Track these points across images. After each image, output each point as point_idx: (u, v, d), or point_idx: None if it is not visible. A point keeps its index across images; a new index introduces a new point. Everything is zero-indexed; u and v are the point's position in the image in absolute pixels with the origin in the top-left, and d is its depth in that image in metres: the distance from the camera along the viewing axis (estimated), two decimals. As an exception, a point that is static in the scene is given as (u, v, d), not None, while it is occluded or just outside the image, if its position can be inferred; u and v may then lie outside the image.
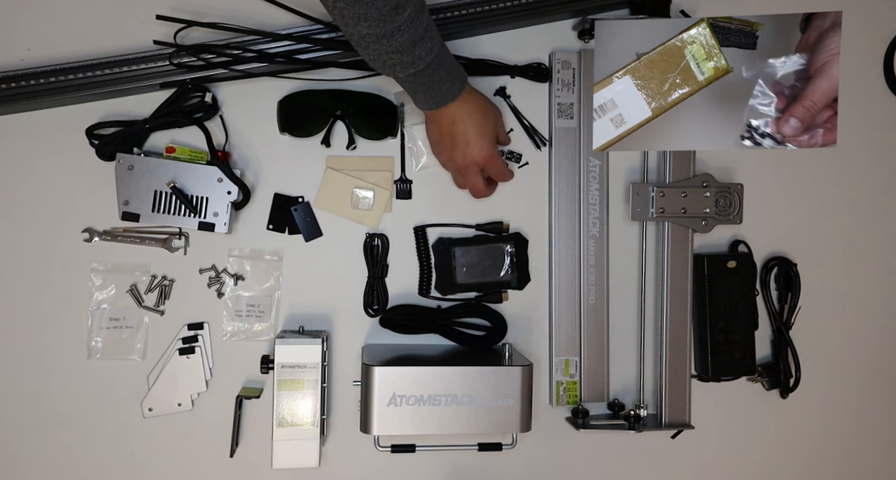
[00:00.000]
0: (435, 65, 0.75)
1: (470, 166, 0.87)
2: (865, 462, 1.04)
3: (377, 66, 0.74)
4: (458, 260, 0.94)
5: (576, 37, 0.97)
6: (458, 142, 0.85)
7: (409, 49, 0.71)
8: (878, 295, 1.04)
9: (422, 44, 0.72)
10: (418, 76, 0.76)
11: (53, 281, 0.92)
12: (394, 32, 0.69)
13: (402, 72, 0.74)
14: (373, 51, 0.72)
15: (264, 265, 0.94)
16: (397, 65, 0.73)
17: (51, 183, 0.92)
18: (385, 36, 0.69)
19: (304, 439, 0.87)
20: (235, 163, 0.93)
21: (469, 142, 0.85)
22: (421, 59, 0.73)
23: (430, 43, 0.73)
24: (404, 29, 0.69)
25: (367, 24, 0.68)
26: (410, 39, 0.71)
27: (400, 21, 0.68)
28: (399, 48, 0.71)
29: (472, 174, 0.88)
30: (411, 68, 0.74)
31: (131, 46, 0.90)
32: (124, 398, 0.92)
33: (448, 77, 0.79)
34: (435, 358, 0.91)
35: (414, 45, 0.71)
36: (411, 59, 0.73)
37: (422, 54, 0.73)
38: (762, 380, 1.00)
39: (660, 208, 0.93)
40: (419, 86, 0.78)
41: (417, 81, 0.77)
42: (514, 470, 0.98)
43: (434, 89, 0.79)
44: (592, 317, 0.95)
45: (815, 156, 1.02)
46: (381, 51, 0.71)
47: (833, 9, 1.02)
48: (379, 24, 0.68)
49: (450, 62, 0.79)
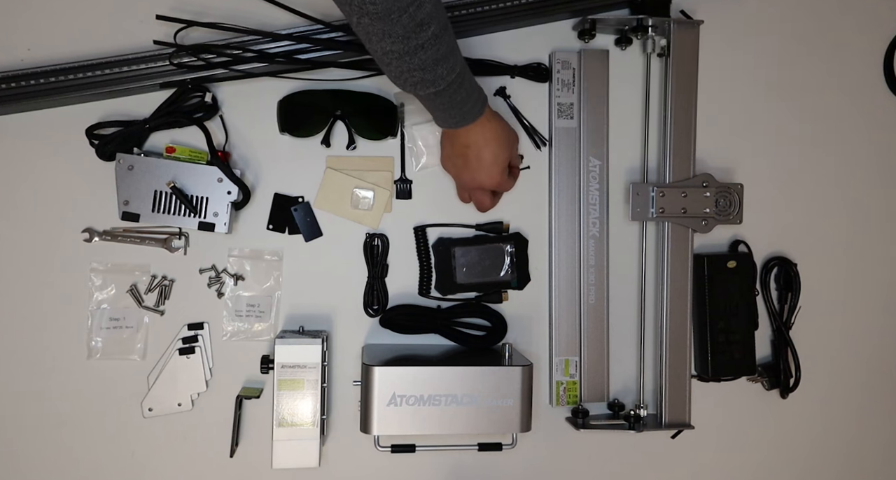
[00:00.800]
0: (456, 85, 0.75)
1: (476, 189, 0.89)
2: (865, 462, 1.04)
3: (399, 82, 0.74)
4: (458, 260, 0.94)
5: (576, 37, 0.97)
6: (469, 166, 0.86)
7: (432, 67, 0.71)
8: (878, 295, 1.04)
9: (444, 62, 0.72)
10: (439, 95, 0.75)
11: (53, 281, 0.92)
12: (417, 49, 0.68)
13: (424, 90, 0.74)
14: (395, 67, 0.71)
15: (264, 265, 0.94)
16: (419, 83, 0.73)
17: (51, 183, 0.92)
18: (408, 53, 0.68)
19: (304, 439, 0.87)
20: (235, 163, 0.93)
21: (481, 169, 0.85)
22: (442, 77, 0.72)
23: (453, 62, 0.73)
24: (427, 46, 0.68)
25: (391, 40, 0.67)
26: (433, 57, 0.70)
27: (424, 38, 0.67)
28: (422, 66, 0.70)
29: (479, 194, 0.90)
30: (433, 87, 0.73)
31: (131, 46, 0.90)
32: (124, 398, 0.92)
33: (469, 98, 0.79)
34: (435, 358, 0.91)
35: (437, 63, 0.71)
36: (433, 78, 0.72)
37: (443, 73, 0.72)
38: (762, 380, 1.00)
39: (660, 208, 0.93)
40: (439, 105, 0.78)
41: (438, 100, 0.77)
42: (514, 470, 0.98)
43: (454, 109, 0.79)
44: (592, 317, 0.95)
45: (815, 156, 1.02)
46: (404, 68, 0.71)
47: (833, 9, 1.02)
48: (403, 40, 0.67)
49: (471, 83, 0.79)
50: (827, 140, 1.03)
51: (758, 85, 1.01)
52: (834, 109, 1.03)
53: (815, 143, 1.02)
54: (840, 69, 1.03)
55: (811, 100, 1.02)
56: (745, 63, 1.01)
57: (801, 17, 1.02)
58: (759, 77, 1.01)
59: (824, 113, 1.02)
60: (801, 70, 1.02)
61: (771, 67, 1.01)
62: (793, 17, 1.02)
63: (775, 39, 1.01)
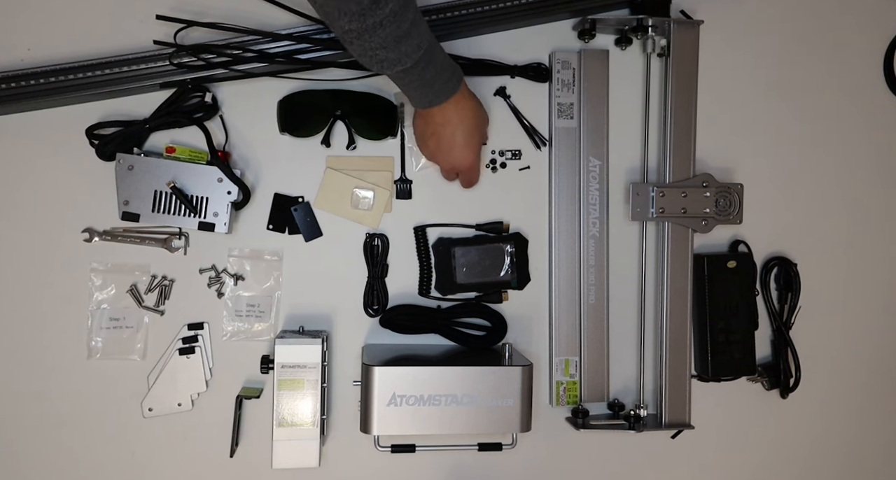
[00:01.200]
0: (424, 62, 0.73)
1: (450, 170, 0.89)
2: (865, 462, 1.04)
3: (364, 62, 0.72)
4: (458, 260, 0.94)
5: (576, 37, 0.97)
6: (442, 146, 0.85)
7: (394, 45, 0.69)
8: (878, 295, 1.04)
9: (407, 40, 0.70)
10: (408, 73, 0.74)
11: (53, 281, 0.92)
12: (375, 27, 0.67)
13: (390, 69, 0.72)
14: (357, 47, 0.70)
15: (264, 265, 0.94)
16: (384, 61, 0.71)
17: (51, 183, 0.92)
18: (367, 31, 0.67)
19: (304, 439, 0.87)
20: (235, 163, 0.93)
21: (454, 149, 0.85)
22: (407, 55, 0.71)
23: (418, 39, 0.71)
24: (386, 24, 0.67)
25: (348, 19, 0.66)
26: (395, 35, 0.68)
27: (381, 16, 0.66)
28: (383, 44, 0.69)
29: (450, 174, 0.91)
30: (399, 66, 0.72)
31: (131, 46, 0.90)
32: (124, 398, 0.92)
33: (440, 76, 0.77)
34: (435, 358, 0.91)
35: (399, 41, 0.69)
36: (397, 56, 0.71)
37: (408, 51, 0.70)
38: (762, 380, 1.00)
39: (660, 208, 0.93)
40: (409, 84, 0.77)
41: (406, 78, 0.75)
42: (514, 470, 0.98)
43: (425, 87, 0.77)
44: (592, 317, 0.95)
45: (815, 156, 1.02)
46: (366, 47, 0.69)
47: (833, 9, 1.02)
48: (360, 18, 0.66)
49: (442, 60, 0.77)
50: (827, 140, 1.03)
51: (758, 85, 1.01)
52: (834, 109, 1.03)
53: (815, 143, 1.02)
54: (840, 69, 1.03)
55: (811, 100, 1.02)
56: (745, 63, 1.01)
57: (801, 17, 1.02)
58: (759, 77, 1.01)
59: (824, 113, 1.02)
60: (801, 70, 1.02)
61: (771, 67, 1.01)
62: (793, 17, 1.02)
63: (775, 39, 1.01)
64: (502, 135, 0.96)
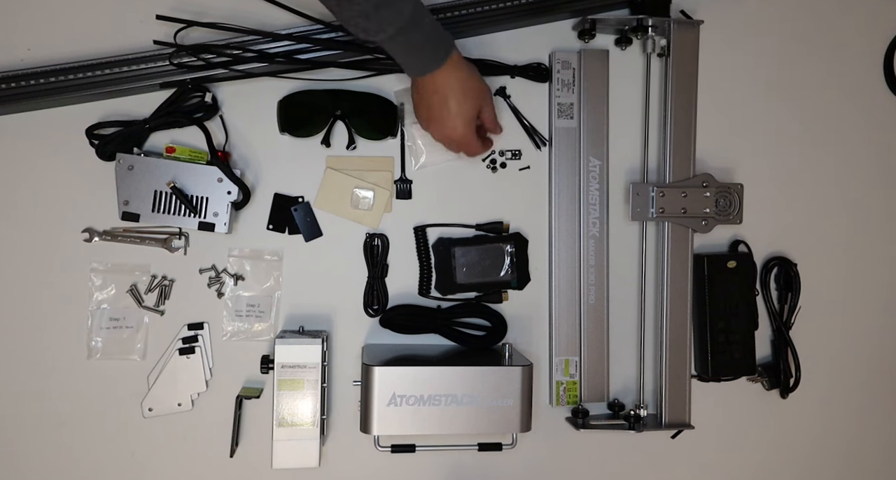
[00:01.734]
0: (409, 29, 0.72)
1: (445, 140, 0.86)
2: (865, 462, 1.04)
3: (351, 30, 0.72)
4: (458, 260, 0.94)
5: (576, 37, 0.97)
6: (433, 116, 0.84)
7: (374, 13, 0.69)
8: (878, 295, 1.04)
9: (387, 7, 0.69)
10: (393, 40, 0.73)
11: (53, 281, 0.92)
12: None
13: (375, 36, 0.72)
14: (339, 15, 0.70)
15: (264, 265, 0.94)
16: (368, 30, 0.71)
17: (51, 183, 0.92)
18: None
19: (304, 439, 0.87)
20: (235, 163, 0.93)
21: (444, 118, 0.83)
22: (389, 23, 0.70)
23: (399, 6, 0.70)
24: None
25: None
26: (373, 2, 0.68)
27: None
28: (363, 13, 0.68)
29: (451, 146, 0.88)
30: (382, 33, 0.71)
31: (131, 46, 0.90)
32: (124, 398, 0.92)
33: (428, 42, 0.76)
34: (435, 358, 0.91)
35: (377, 8, 0.68)
36: (377, 24, 0.70)
37: (389, 17, 0.70)
38: (762, 380, 1.00)
39: (660, 208, 0.93)
40: (397, 51, 0.76)
41: (392, 45, 0.74)
42: (514, 470, 0.98)
43: (412, 54, 0.77)
44: (592, 317, 0.95)
45: (815, 156, 1.02)
46: (346, 15, 0.69)
47: (833, 9, 1.02)
48: None
49: (430, 27, 0.76)
50: (827, 140, 1.03)
51: (758, 85, 1.01)
52: (834, 109, 1.03)
53: (815, 143, 1.02)
54: (840, 69, 1.03)
55: (811, 100, 1.02)
56: (745, 63, 1.01)
57: (801, 17, 1.02)
58: (759, 77, 1.01)
59: (824, 113, 1.02)
60: (801, 70, 1.02)
61: (771, 67, 1.01)
62: (793, 17, 1.02)
63: (775, 39, 1.01)
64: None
